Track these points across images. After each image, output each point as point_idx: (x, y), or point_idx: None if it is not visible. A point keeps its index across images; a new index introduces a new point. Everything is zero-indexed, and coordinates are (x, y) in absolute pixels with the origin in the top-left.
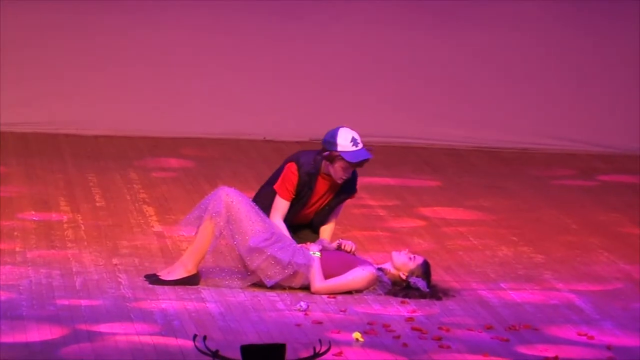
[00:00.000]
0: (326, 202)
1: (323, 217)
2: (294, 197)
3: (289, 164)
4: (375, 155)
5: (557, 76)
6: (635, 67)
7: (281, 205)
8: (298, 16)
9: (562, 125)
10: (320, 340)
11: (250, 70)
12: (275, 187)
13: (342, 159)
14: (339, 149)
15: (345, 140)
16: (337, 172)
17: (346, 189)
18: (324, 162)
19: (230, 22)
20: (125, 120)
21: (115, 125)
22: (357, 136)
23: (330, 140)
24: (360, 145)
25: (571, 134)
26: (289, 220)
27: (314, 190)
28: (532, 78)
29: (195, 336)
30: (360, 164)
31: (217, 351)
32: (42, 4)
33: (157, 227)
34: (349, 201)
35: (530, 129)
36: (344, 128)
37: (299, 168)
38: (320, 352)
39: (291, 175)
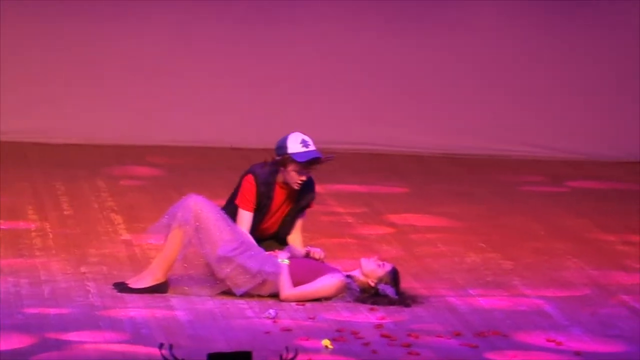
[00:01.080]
0: (286, 211)
1: (287, 227)
2: (255, 207)
3: (246, 177)
4: (342, 162)
5: (525, 82)
6: (604, 73)
7: (245, 217)
8: (266, 23)
9: (529, 132)
10: (287, 348)
11: (217, 78)
12: (237, 201)
13: (293, 160)
14: (289, 151)
15: (295, 142)
16: (292, 176)
17: (304, 196)
18: (279, 171)
19: (197, 30)
20: (92, 128)
21: (83, 133)
22: (307, 139)
23: (281, 146)
24: (311, 147)
25: (538, 140)
26: (253, 234)
27: (273, 200)
28: (499, 84)
29: (161, 345)
30: (310, 163)
31: None
32: (7, 14)
33: (126, 236)
34: (315, 208)
35: (497, 136)
36: (294, 133)
37: (256, 178)
38: (287, 359)
39: (249, 186)
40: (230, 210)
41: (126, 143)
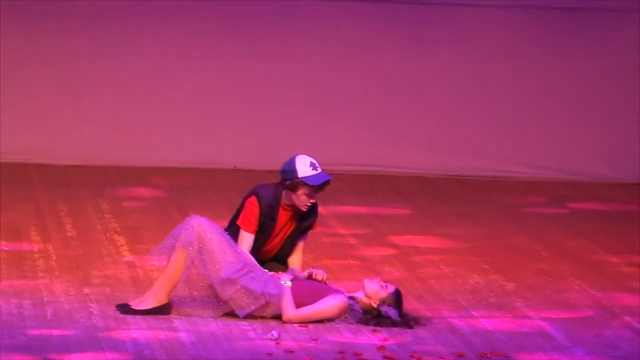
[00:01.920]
0: (288, 233)
1: (288, 249)
2: (257, 229)
3: (249, 199)
4: (346, 183)
5: (528, 104)
6: (607, 95)
7: (246, 238)
8: (268, 44)
9: (532, 153)
10: None
11: (220, 99)
12: (238, 222)
13: (305, 184)
14: (300, 175)
15: (304, 166)
16: (301, 199)
17: (307, 218)
18: (284, 193)
19: (199, 50)
20: (95, 149)
21: (86, 154)
22: (314, 161)
23: (289, 169)
24: (319, 169)
25: (541, 162)
26: (254, 255)
27: (277, 222)
28: (503, 106)
29: None
30: (323, 186)
31: None
32: (7, 33)
33: (129, 257)
34: (319, 229)
35: (500, 157)
36: (301, 155)
37: (259, 200)
38: None
39: (252, 207)
40: (233, 232)
41: (129, 164)
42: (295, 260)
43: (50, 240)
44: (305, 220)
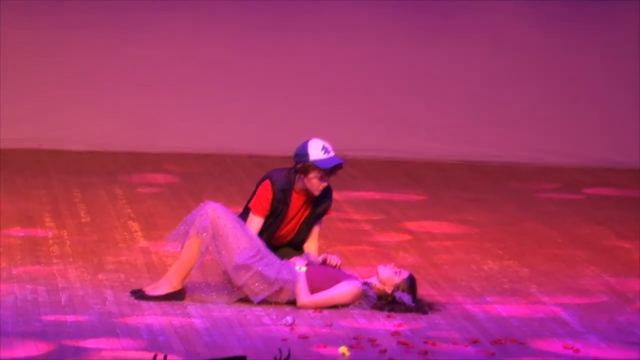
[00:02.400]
0: (303, 218)
1: (303, 234)
2: (269, 214)
3: (263, 183)
4: (360, 169)
5: (542, 90)
6: (620, 80)
7: (254, 222)
8: (281, 31)
9: (546, 139)
10: (280, 350)
11: (234, 86)
12: (250, 205)
13: (316, 167)
14: (311, 158)
15: (316, 149)
16: (313, 183)
17: (321, 203)
18: (297, 177)
19: (213, 37)
20: (109, 135)
21: (100, 140)
22: (327, 145)
23: (301, 153)
24: (331, 153)
25: (555, 148)
26: (269, 241)
27: (289, 206)
28: (517, 92)
29: (155, 356)
30: (334, 169)
31: None
32: (22, 21)
33: (143, 243)
34: (333, 215)
35: (514, 143)
36: (314, 139)
37: (273, 184)
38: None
39: (265, 191)
40: (246, 217)
41: (143, 150)
42: (310, 246)
43: (64, 226)
44: (319, 205)
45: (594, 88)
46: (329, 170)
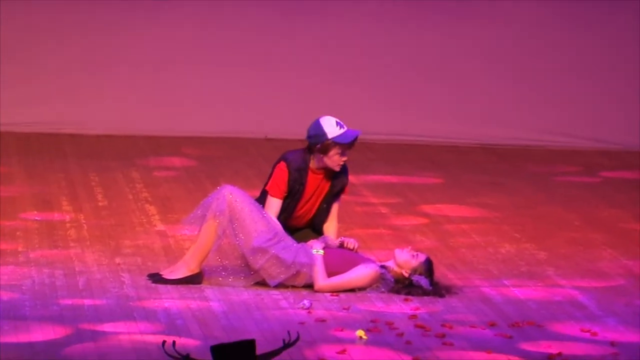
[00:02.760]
0: (321, 198)
1: (323, 215)
2: (286, 195)
3: (278, 164)
4: (377, 152)
5: (559, 72)
6: (637, 62)
7: (273, 204)
8: (299, 14)
9: (564, 122)
10: (289, 332)
11: (252, 69)
12: (267, 187)
13: (336, 144)
14: (330, 136)
15: (331, 126)
16: (334, 159)
17: (338, 181)
18: (314, 156)
19: (231, 20)
20: (126, 119)
21: (117, 124)
22: (338, 120)
23: (317, 133)
24: (345, 127)
25: (573, 130)
26: (288, 222)
27: (306, 186)
28: (534, 74)
29: (164, 342)
30: (353, 142)
31: (188, 355)
32: (42, 4)
33: (160, 226)
34: (350, 199)
35: (532, 126)
36: (324, 117)
37: (288, 165)
38: (290, 342)
39: (281, 172)
40: (264, 200)
41: (160, 134)
42: (330, 226)
43: (81, 210)
44: (336, 183)
45: (612, 70)
46: (350, 144)
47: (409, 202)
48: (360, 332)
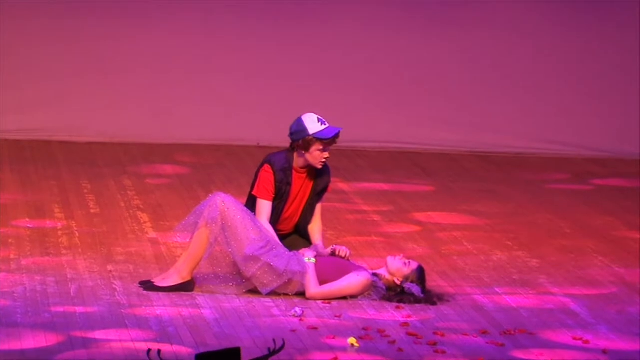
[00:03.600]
0: (306, 198)
1: (308, 216)
2: (274, 196)
3: (262, 168)
4: (368, 160)
5: (551, 80)
6: (629, 71)
7: (264, 207)
8: (291, 21)
9: (555, 130)
10: (274, 340)
11: (243, 76)
12: (254, 192)
13: (317, 139)
14: (311, 132)
15: (313, 122)
16: (315, 155)
17: (321, 180)
18: (297, 155)
19: (223, 27)
20: (119, 126)
21: (109, 132)
22: (320, 117)
23: (299, 129)
24: (327, 124)
25: (565, 138)
26: (276, 225)
27: (292, 185)
28: (526, 82)
29: (149, 350)
30: (335, 138)
31: None
32: (35, 12)
33: (152, 234)
34: (342, 206)
35: (523, 133)
36: (306, 114)
37: (272, 166)
38: (275, 350)
39: (267, 175)
40: (251, 205)
41: (152, 141)
42: (315, 227)
43: (73, 217)
44: (319, 182)
45: (604, 78)
46: (331, 139)
47: (400, 210)
48: (352, 340)
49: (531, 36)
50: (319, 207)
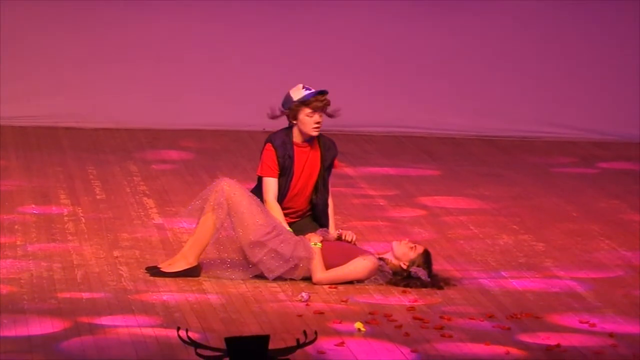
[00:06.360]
0: (316, 172)
1: (322, 191)
2: (279, 172)
3: (264, 147)
4: (374, 144)
5: (556, 64)
6: (634, 54)
7: (270, 184)
8: (295, 6)
9: (561, 113)
10: (305, 332)
11: (249, 61)
12: (258, 172)
13: (301, 103)
14: (295, 99)
15: (297, 90)
16: (306, 122)
17: (328, 154)
18: (294, 130)
19: (227, 12)
20: (124, 112)
21: (115, 117)
22: (308, 86)
23: (285, 101)
24: (312, 89)
25: (570, 122)
26: (286, 204)
27: (295, 160)
28: (531, 66)
29: (179, 328)
30: (318, 98)
31: (198, 343)
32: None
33: (158, 219)
34: (348, 191)
35: (529, 117)
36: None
37: (272, 143)
38: (304, 342)
39: (268, 152)
40: (259, 190)
41: (158, 127)
42: (329, 213)
43: (79, 203)
44: (327, 157)
45: (610, 61)
46: (314, 100)
47: (406, 194)
48: (358, 325)
49: (536, 21)
50: (328, 183)
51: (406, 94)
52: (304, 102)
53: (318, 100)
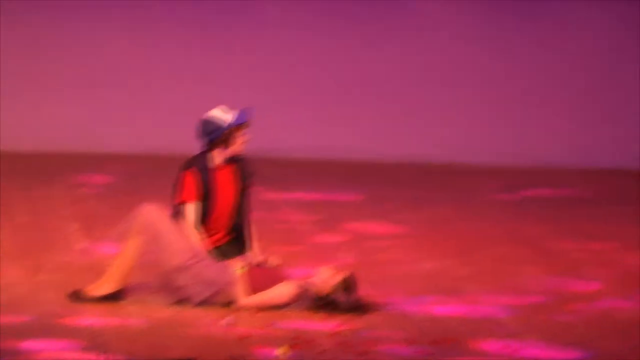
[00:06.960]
0: (235, 193)
1: (243, 213)
2: (200, 197)
3: (180, 175)
4: (297, 169)
5: (481, 90)
6: (560, 81)
7: (191, 210)
8: (224, 29)
9: (486, 140)
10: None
11: (174, 85)
12: (179, 199)
13: (237, 127)
14: (226, 124)
15: (222, 115)
16: (238, 145)
17: (246, 172)
18: (214, 154)
19: (148, 38)
20: (49, 136)
21: (39, 141)
22: (220, 107)
23: (213, 128)
24: (231, 110)
25: (496, 148)
26: (209, 226)
27: (217, 183)
28: (456, 92)
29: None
30: (248, 121)
31: None
32: None
33: (82, 243)
34: (271, 216)
35: (454, 143)
36: (210, 112)
37: (189, 168)
38: None
39: (187, 178)
40: (178, 216)
41: (83, 151)
42: (249, 231)
43: (2, 226)
44: (245, 174)
45: (534, 89)
46: (246, 122)
47: (330, 219)
48: (282, 349)
49: (460, 45)
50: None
51: (330, 118)
52: (241, 125)
53: (249, 121)
